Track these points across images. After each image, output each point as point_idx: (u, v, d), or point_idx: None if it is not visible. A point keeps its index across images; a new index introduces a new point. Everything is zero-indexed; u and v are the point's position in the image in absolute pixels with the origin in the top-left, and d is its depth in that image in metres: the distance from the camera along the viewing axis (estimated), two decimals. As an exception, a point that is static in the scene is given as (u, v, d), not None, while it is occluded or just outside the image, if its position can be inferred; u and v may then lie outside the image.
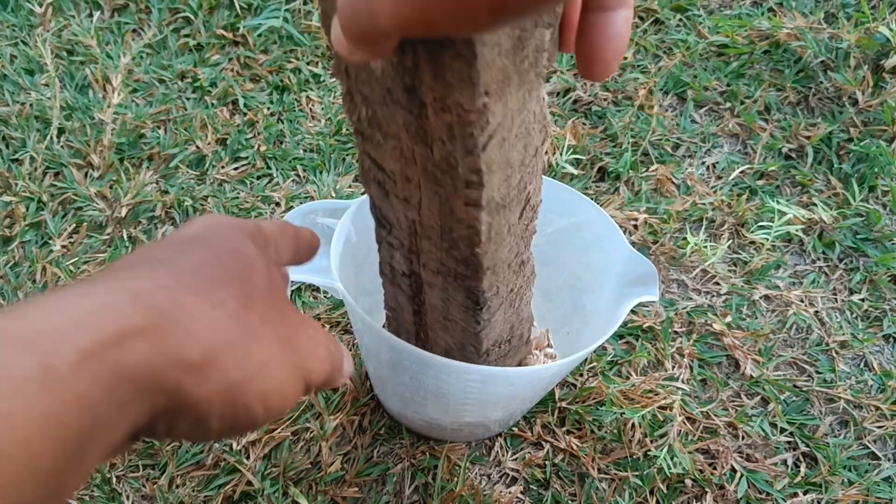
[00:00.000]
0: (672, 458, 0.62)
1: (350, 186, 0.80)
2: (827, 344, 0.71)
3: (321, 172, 0.81)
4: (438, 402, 0.53)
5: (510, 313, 0.47)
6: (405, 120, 0.30)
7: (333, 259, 0.51)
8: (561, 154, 0.82)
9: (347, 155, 0.82)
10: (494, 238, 0.36)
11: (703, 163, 0.84)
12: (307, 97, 0.87)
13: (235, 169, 0.81)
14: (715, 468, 0.63)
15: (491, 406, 0.54)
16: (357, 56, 0.24)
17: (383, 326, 0.64)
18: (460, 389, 0.49)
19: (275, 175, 0.81)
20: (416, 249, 0.40)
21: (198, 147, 0.81)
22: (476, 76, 0.25)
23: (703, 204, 0.80)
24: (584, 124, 0.87)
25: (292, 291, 0.73)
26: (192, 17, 0.91)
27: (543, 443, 0.63)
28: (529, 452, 0.63)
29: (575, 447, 0.63)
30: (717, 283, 0.75)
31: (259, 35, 0.90)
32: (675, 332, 0.71)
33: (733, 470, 0.63)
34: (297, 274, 0.50)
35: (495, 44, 0.24)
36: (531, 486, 0.62)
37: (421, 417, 0.58)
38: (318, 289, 0.73)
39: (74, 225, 0.75)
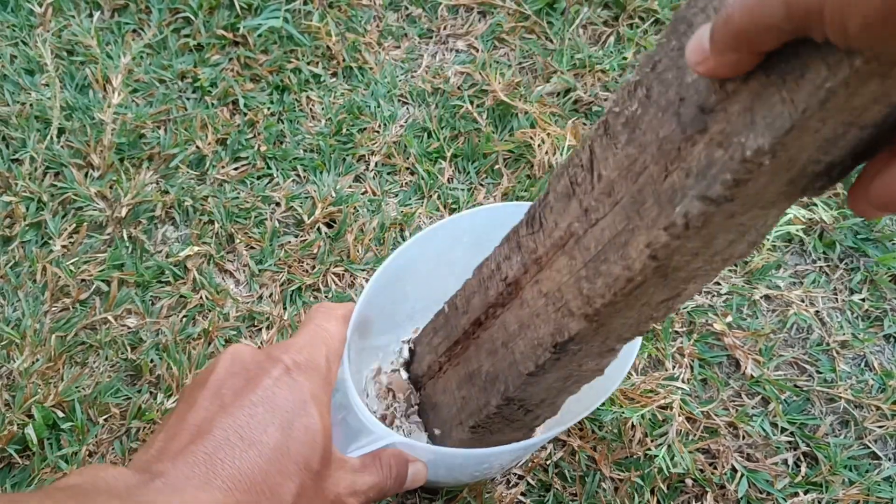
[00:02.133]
0: (672, 458, 0.62)
1: (350, 187, 0.80)
2: (827, 344, 0.71)
3: (321, 172, 0.81)
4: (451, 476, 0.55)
5: (557, 384, 0.43)
6: (668, 134, 0.28)
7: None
8: (561, 154, 0.82)
9: (348, 155, 0.82)
10: (627, 299, 0.32)
11: (704, 163, 0.85)
12: (307, 97, 0.87)
13: (236, 169, 0.81)
14: (715, 468, 0.63)
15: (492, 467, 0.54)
16: (723, 68, 0.23)
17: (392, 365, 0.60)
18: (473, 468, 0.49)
19: (275, 175, 0.81)
20: (545, 262, 0.37)
21: (198, 147, 0.81)
22: (784, 127, 0.23)
23: (704, 204, 0.80)
24: (585, 124, 0.87)
25: (293, 291, 0.73)
26: (192, 17, 0.91)
27: (545, 443, 0.63)
28: (530, 452, 0.63)
29: (575, 447, 0.63)
30: (718, 283, 0.75)
31: (259, 35, 0.90)
32: (676, 332, 0.71)
33: (734, 469, 0.63)
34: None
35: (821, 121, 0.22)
36: (532, 487, 0.62)
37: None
38: (318, 289, 0.73)
39: (74, 225, 0.75)
